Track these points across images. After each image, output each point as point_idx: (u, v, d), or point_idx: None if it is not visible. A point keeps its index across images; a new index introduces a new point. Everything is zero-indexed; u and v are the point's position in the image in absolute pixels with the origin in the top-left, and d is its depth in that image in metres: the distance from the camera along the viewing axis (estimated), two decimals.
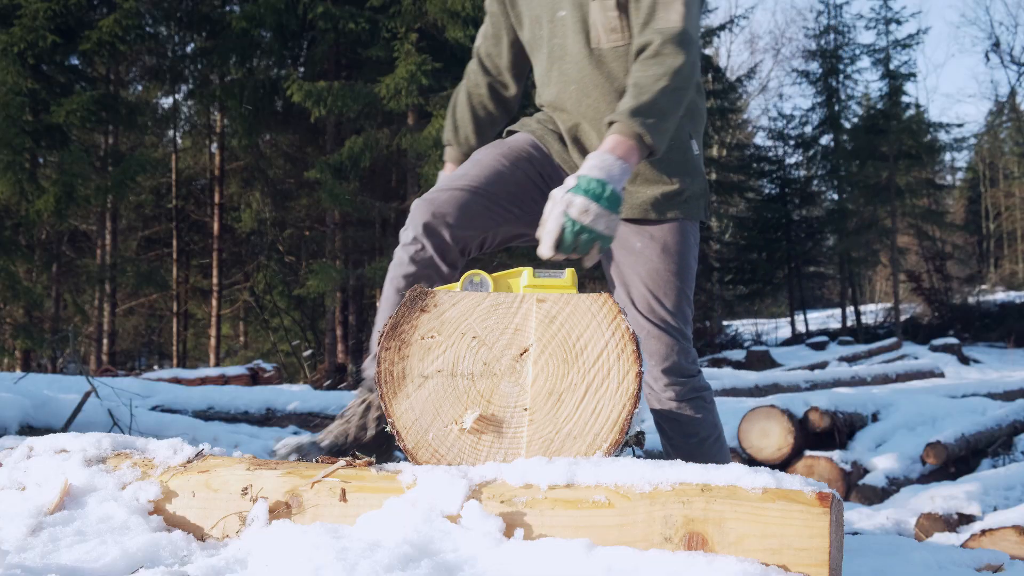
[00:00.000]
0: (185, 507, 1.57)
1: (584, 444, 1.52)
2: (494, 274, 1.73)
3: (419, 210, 2.09)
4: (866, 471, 4.59)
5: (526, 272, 1.73)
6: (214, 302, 16.30)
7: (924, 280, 22.60)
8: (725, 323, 25.08)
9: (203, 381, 8.15)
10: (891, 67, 23.33)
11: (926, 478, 4.57)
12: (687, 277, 2.20)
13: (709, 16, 30.17)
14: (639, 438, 1.71)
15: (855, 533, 2.73)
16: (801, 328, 24.55)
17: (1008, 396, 6.92)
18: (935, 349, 16.17)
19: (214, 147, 17.32)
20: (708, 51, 25.47)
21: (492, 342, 1.58)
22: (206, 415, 5.11)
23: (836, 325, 24.75)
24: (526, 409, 1.55)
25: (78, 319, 14.59)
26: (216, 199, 16.53)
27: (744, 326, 25.68)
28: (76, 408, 3.64)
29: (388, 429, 1.57)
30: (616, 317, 1.55)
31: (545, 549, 1.35)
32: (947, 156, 30.84)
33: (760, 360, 15.17)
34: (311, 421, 5.47)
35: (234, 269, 17.71)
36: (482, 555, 1.36)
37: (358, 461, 1.58)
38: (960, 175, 36.16)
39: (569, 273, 1.71)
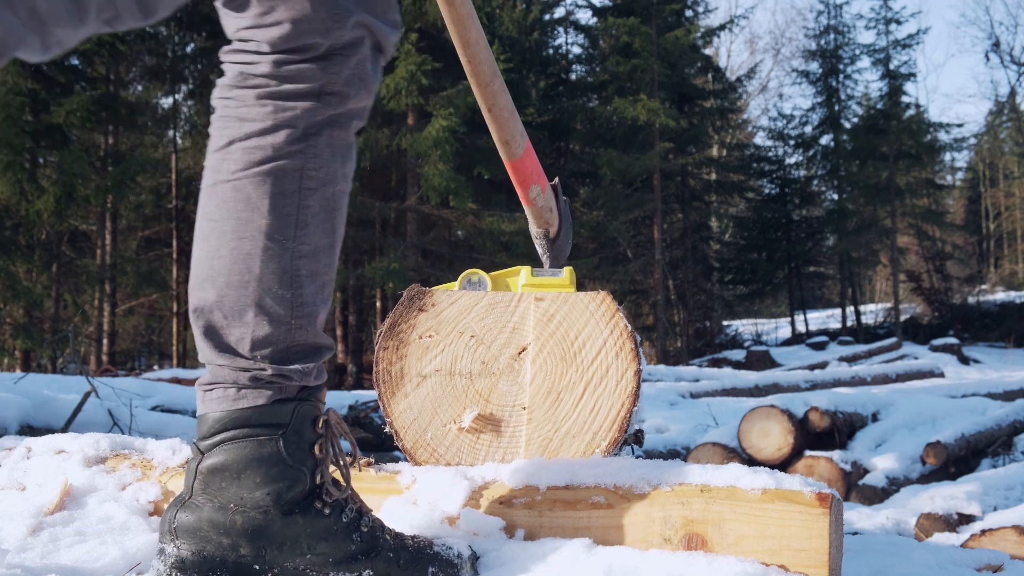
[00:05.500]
0: None
1: (583, 443, 1.51)
2: (492, 273, 1.72)
3: None
4: (866, 471, 4.59)
5: (524, 271, 1.72)
6: None
7: (924, 280, 22.62)
8: (725, 323, 25.09)
9: None
10: (891, 67, 23.34)
11: (926, 478, 4.57)
12: None
13: (709, 16, 30.23)
14: (638, 436, 1.70)
15: (855, 533, 2.73)
16: (801, 328, 24.56)
17: (1008, 396, 6.92)
18: (935, 349, 16.18)
19: None
20: (708, 51, 25.47)
21: (490, 341, 1.57)
22: None
23: (836, 325, 24.77)
24: (525, 408, 1.54)
25: (78, 319, 14.59)
26: None
27: (744, 326, 25.68)
28: (76, 408, 3.64)
29: (387, 430, 1.56)
30: (614, 315, 1.54)
31: (545, 549, 1.35)
32: (947, 156, 30.91)
33: (760, 360, 15.18)
34: None
35: None
36: (483, 555, 1.37)
37: (359, 462, 1.58)
38: (960, 175, 36.19)
39: (567, 272, 1.70)
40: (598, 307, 1.55)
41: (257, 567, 1.26)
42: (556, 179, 1.90)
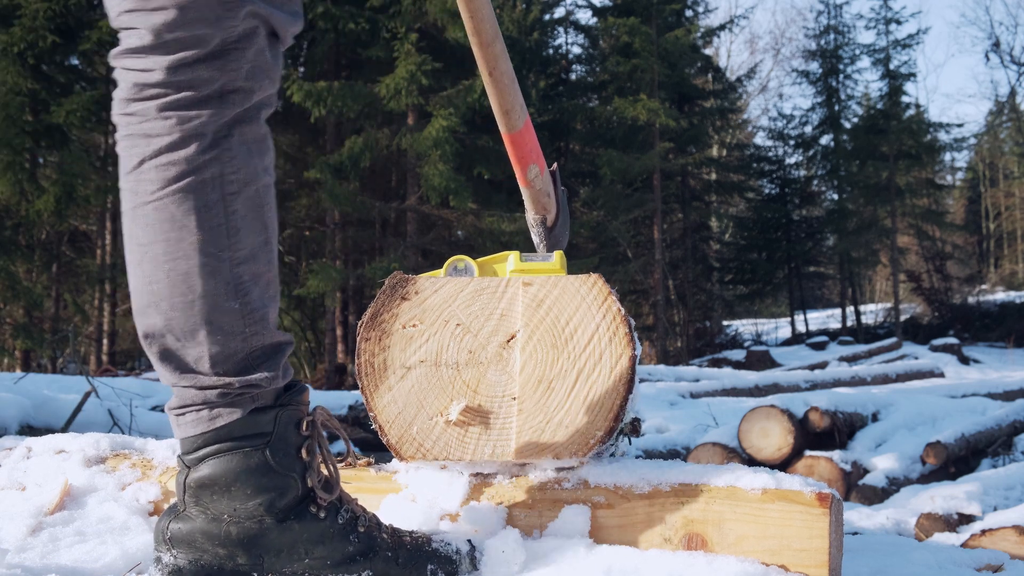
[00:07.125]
0: None
1: (577, 433, 1.44)
2: (479, 259, 1.65)
3: None
4: (866, 471, 4.58)
5: (512, 256, 1.64)
6: None
7: (924, 280, 22.60)
8: (725, 323, 25.07)
9: None
10: (891, 67, 23.32)
11: (926, 478, 4.57)
12: None
13: (709, 16, 30.22)
14: (635, 426, 1.62)
15: (855, 533, 2.73)
16: (801, 328, 24.54)
17: (1008, 396, 6.91)
18: (935, 349, 16.16)
19: None
20: (708, 51, 25.47)
21: (477, 329, 1.49)
22: None
23: (836, 325, 24.75)
24: (514, 398, 1.46)
25: (78, 319, 14.58)
26: None
27: (744, 326, 25.67)
28: (76, 408, 3.64)
29: (372, 425, 1.51)
30: (607, 298, 1.47)
31: (545, 548, 1.35)
32: (947, 156, 30.86)
33: (760, 360, 15.17)
34: None
35: None
36: (482, 554, 1.37)
37: (358, 461, 1.58)
38: (960, 175, 36.17)
39: (558, 256, 1.63)
40: (589, 290, 1.47)
41: (255, 574, 1.26)
42: (555, 165, 1.83)
